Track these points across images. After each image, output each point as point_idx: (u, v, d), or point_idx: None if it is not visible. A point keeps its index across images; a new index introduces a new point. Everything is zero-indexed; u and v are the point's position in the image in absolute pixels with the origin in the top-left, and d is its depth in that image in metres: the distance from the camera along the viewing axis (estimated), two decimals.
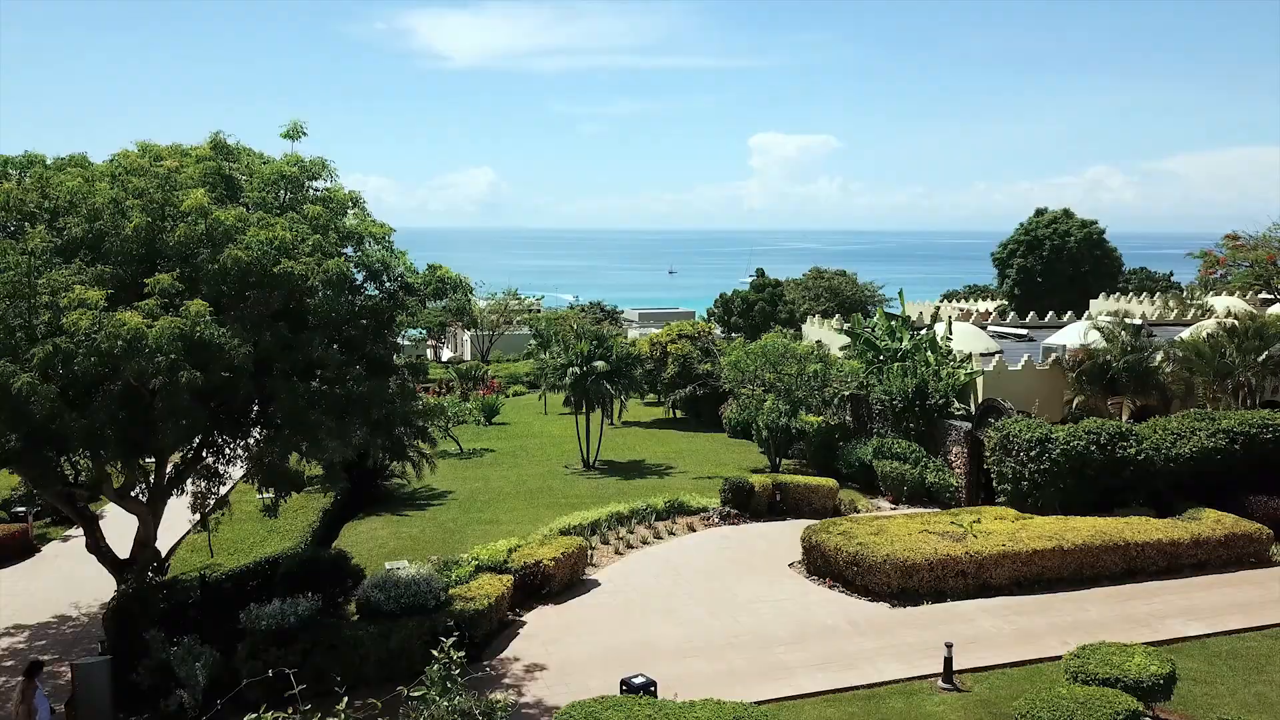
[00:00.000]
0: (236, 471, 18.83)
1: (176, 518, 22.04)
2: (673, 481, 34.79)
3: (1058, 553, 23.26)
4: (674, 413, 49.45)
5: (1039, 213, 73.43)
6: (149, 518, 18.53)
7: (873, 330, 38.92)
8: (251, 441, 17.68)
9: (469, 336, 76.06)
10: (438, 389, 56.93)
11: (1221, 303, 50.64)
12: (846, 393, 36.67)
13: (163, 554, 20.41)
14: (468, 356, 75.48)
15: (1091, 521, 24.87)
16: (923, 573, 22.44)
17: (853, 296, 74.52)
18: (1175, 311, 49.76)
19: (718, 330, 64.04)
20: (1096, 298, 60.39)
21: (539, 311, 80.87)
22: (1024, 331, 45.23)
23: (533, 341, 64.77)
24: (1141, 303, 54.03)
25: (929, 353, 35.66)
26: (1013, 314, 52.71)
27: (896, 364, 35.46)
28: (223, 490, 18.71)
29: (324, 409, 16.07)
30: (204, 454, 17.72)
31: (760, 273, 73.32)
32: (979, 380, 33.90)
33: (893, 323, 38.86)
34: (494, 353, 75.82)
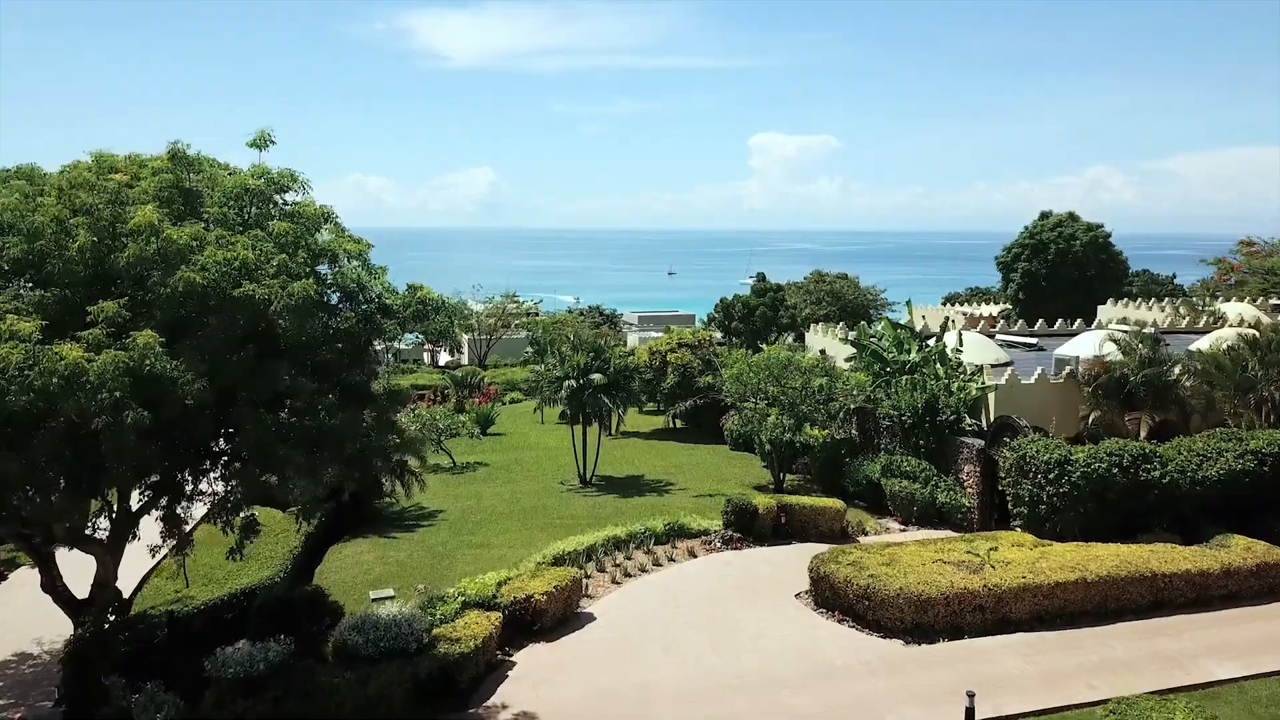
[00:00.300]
0: (200, 510, 17.41)
1: (143, 550, 20.65)
2: (673, 500, 33.41)
3: (1081, 585, 21.92)
4: (674, 423, 48.13)
5: (1044, 216, 72.05)
6: (107, 558, 17.16)
7: (879, 341, 37.51)
8: (215, 477, 16.29)
9: (467, 340, 74.72)
10: (432, 397, 55.49)
11: (1233, 309, 49.34)
12: (853, 405, 35.29)
13: (130, 589, 19.07)
14: (465, 361, 74.14)
15: (1115, 550, 23.53)
16: (939, 607, 21.11)
17: (855, 300, 73.25)
18: (1187, 319, 48.40)
19: (718, 335, 62.67)
20: (1103, 302, 59.05)
21: (537, 315, 79.43)
22: (1034, 340, 43.81)
23: (529, 349, 63.30)
24: (1151, 309, 52.70)
25: (938, 365, 34.26)
26: (1021, 321, 51.32)
27: (905, 377, 34.08)
28: (185, 529, 17.28)
29: (293, 443, 14.73)
30: (160, 495, 16.29)
31: (761, 276, 71.79)
32: (990, 395, 32.52)
33: (900, 332, 37.47)
34: (492, 356, 74.52)
